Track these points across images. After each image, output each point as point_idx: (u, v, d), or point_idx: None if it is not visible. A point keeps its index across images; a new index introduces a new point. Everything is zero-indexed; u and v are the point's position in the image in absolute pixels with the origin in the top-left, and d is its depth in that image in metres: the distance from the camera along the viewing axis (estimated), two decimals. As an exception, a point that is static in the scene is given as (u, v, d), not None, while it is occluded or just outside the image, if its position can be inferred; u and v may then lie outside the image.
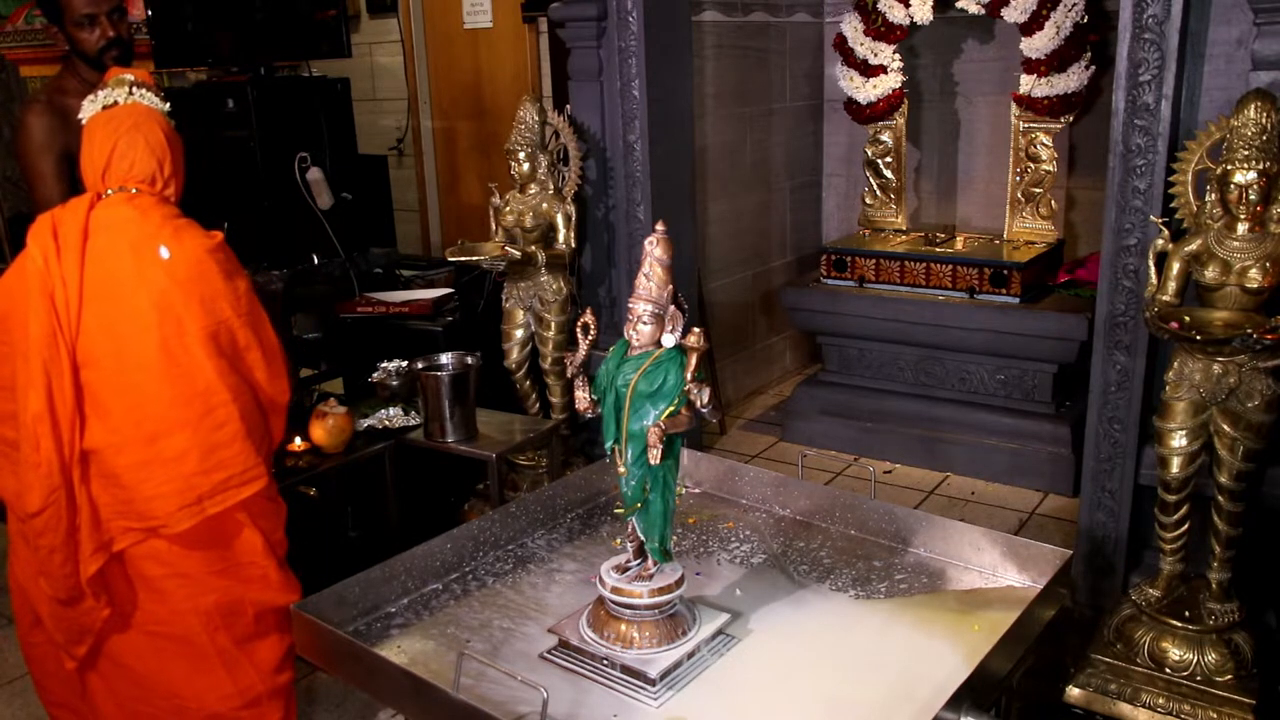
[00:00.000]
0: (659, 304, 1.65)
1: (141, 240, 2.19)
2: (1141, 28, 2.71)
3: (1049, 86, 4.11)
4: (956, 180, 5.00)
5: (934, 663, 1.70)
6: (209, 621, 2.25)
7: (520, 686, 1.54)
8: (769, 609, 1.88)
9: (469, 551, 2.08)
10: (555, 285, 3.75)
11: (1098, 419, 2.99)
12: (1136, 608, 2.65)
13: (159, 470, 2.13)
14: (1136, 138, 2.78)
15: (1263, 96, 2.35)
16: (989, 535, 2.00)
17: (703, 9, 4.58)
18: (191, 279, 2.19)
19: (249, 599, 2.29)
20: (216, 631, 2.26)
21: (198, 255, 2.22)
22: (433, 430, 3.32)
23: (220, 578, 2.26)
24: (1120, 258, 2.87)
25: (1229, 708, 2.47)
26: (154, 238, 2.20)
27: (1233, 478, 2.47)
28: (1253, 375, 2.38)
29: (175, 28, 4.12)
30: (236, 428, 2.19)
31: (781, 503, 2.28)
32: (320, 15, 4.35)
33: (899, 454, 4.37)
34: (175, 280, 2.17)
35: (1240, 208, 2.36)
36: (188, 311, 2.17)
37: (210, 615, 2.25)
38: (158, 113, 2.34)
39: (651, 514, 1.70)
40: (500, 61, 5.58)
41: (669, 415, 1.63)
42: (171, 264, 2.18)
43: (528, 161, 3.68)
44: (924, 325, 4.23)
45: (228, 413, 2.18)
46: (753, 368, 5.35)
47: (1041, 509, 3.95)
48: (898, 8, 4.40)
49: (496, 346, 3.84)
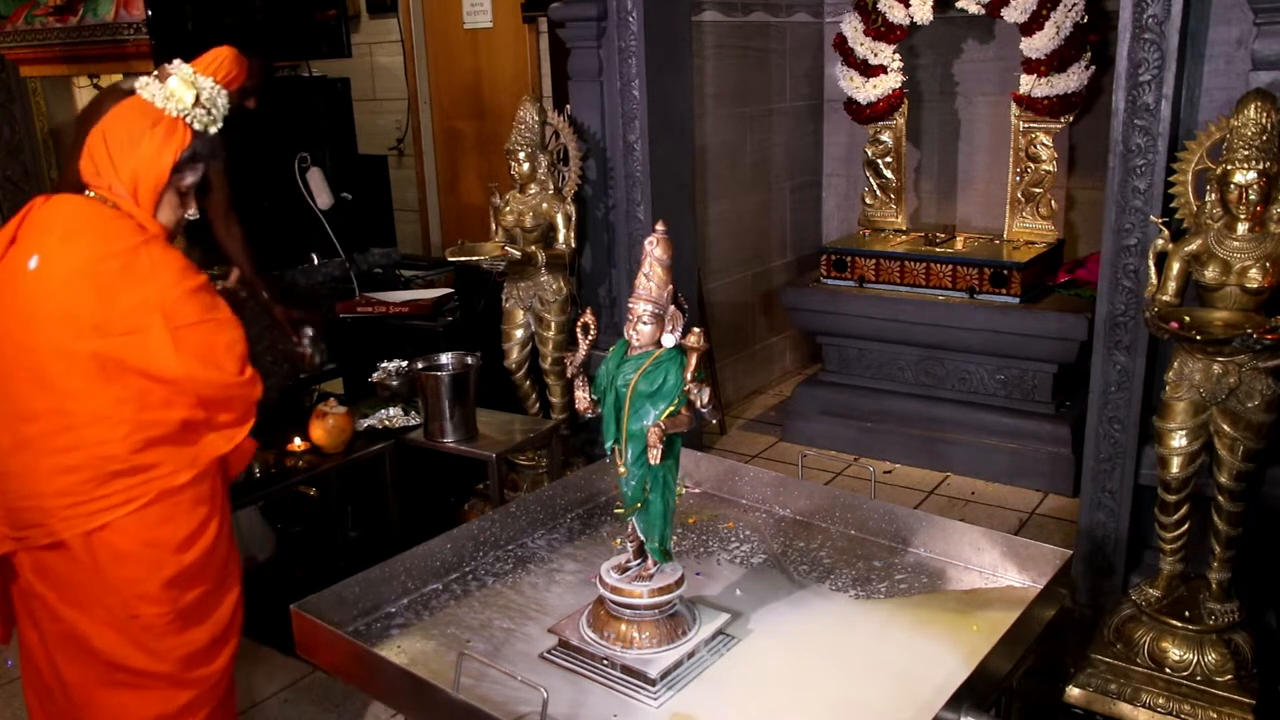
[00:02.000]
0: (659, 304, 1.65)
1: (31, 247, 2.04)
2: (1141, 28, 2.71)
3: (1049, 86, 4.11)
4: (956, 180, 5.01)
5: (934, 663, 1.70)
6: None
7: (520, 686, 1.54)
8: (769, 609, 1.88)
9: (469, 551, 2.08)
10: (555, 285, 3.75)
11: (1098, 419, 2.99)
12: (1136, 608, 2.65)
13: (13, 483, 2.02)
14: (1136, 138, 2.78)
15: (1263, 96, 2.35)
16: (989, 535, 2.00)
17: (703, 9, 4.58)
18: (52, 293, 1.99)
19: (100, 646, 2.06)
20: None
21: (71, 268, 2.00)
22: (433, 430, 3.32)
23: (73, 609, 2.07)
24: (1120, 258, 2.87)
25: (1229, 708, 2.47)
26: (36, 246, 2.03)
27: (1233, 478, 2.46)
28: (1253, 375, 2.38)
29: (175, 28, 4.11)
30: (82, 457, 1.98)
31: (781, 503, 2.27)
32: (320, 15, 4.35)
33: (899, 454, 4.37)
34: (39, 292, 2.00)
35: (1240, 208, 2.36)
36: (45, 326, 1.99)
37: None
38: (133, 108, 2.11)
39: (651, 514, 1.70)
40: (500, 61, 5.58)
41: (669, 415, 1.63)
42: (36, 274, 2.00)
43: (528, 161, 3.68)
44: (924, 325, 4.23)
45: (74, 438, 1.98)
46: (753, 368, 5.35)
47: (1041, 509, 3.95)
48: (898, 8, 4.40)
49: (496, 346, 3.84)
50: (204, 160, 2.14)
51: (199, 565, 2.09)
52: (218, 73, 2.14)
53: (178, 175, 2.10)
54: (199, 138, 2.10)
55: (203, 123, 2.11)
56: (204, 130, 2.11)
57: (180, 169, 2.09)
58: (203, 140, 2.11)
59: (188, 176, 2.12)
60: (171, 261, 2.06)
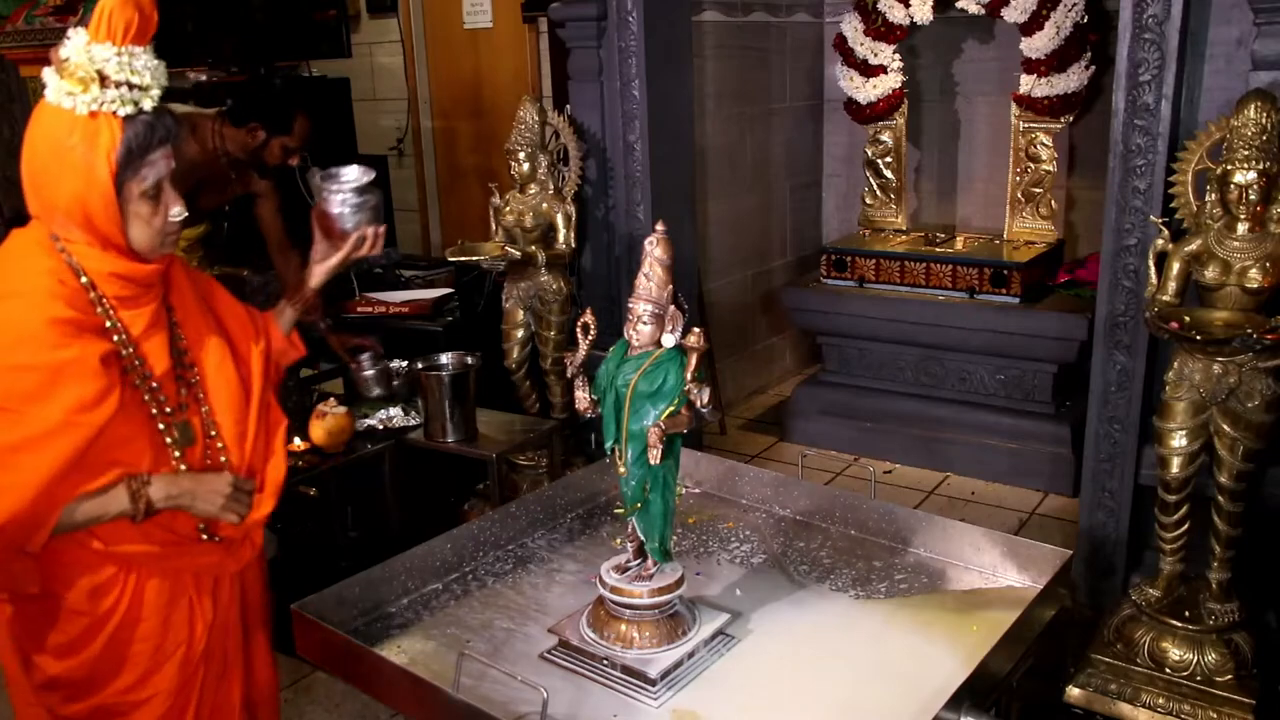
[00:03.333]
0: (659, 304, 1.65)
1: None
2: (1141, 28, 2.71)
3: (1049, 86, 4.11)
4: (956, 180, 5.00)
5: (934, 663, 1.70)
6: None
7: (520, 686, 1.54)
8: (769, 609, 1.88)
9: (469, 551, 2.08)
10: (555, 285, 3.75)
11: (1098, 419, 2.99)
12: (1136, 608, 2.65)
13: None
14: (1136, 138, 2.78)
15: (1263, 96, 2.35)
16: (989, 535, 2.00)
17: (703, 9, 4.58)
18: None
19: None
20: None
21: None
22: (433, 430, 3.32)
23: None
24: (1120, 258, 2.87)
25: (1229, 708, 2.47)
26: None
27: (1233, 478, 2.46)
28: (1253, 375, 2.38)
29: (175, 28, 4.12)
30: None
31: (781, 503, 2.27)
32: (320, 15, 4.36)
33: (899, 454, 4.37)
34: None
35: (1240, 208, 2.36)
36: None
37: None
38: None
39: (651, 514, 1.70)
40: (500, 61, 5.58)
41: (669, 415, 1.63)
42: None
43: (528, 161, 3.68)
44: (924, 325, 4.23)
45: None
46: (753, 368, 5.35)
47: (1041, 509, 3.95)
48: (898, 8, 4.40)
49: (496, 346, 3.84)
50: (154, 147, 1.58)
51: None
52: (113, 31, 1.53)
53: (127, 179, 1.56)
54: (130, 124, 1.55)
55: (127, 104, 1.54)
56: (135, 113, 1.55)
57: (124, 172, 1.56)
58: (138, 126, 1.56)
59: (144, 175, 1.58)
60: (2, 326, 1.53)
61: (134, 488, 1.61)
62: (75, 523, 1.57)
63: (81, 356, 1.54)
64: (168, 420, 1.68)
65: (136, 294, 1.65)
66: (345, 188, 2.00)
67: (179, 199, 1.65)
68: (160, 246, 1.65)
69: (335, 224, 1.98)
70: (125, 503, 1.60)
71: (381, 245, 2.09)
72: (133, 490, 1.60)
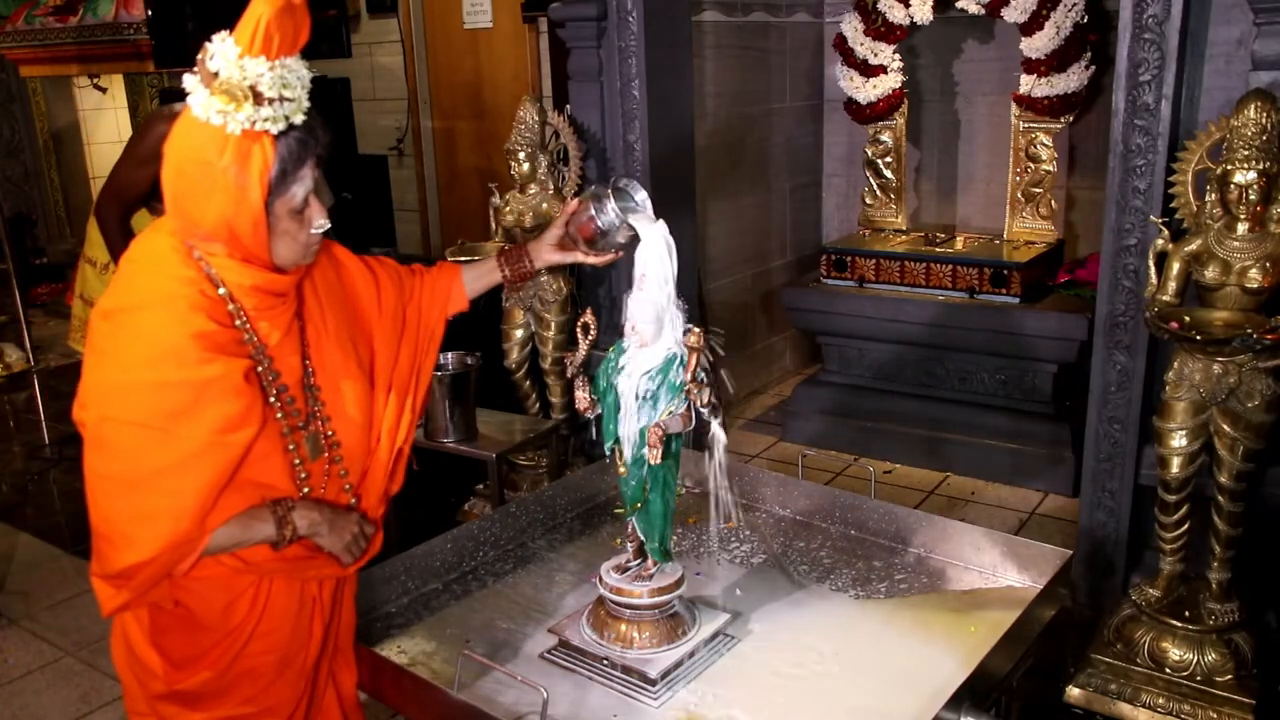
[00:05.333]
0: (659, 304, 1.65)
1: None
2: (1141, 28, 2.71)
3: (1049, 86, 4.11)
4: (956, 180, 5.00)
5: (934, 663, 1.70)
6: None
7: (520, 686, 1.54)
8: (769, 609, 1.88)
9: (469, 551, 2.08)
10: (555, 285, 3.75)
11: (1098, 419, 2.99)
12: (1136, 608, 2.65)
13: None
14: (1136, 138, 2.78)
15: (1263, 96, 2.35)
16: (989, 535, 2.00)
17: (703, 9, 4.58)
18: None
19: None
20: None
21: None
22: (433, 430, 3.32)
23: None
24: (1120, 258, 2.87)
25: (1229, 708, 2.47)
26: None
27: (1233, 478, 2.46)
28: (1253, 375, 2.38)
29: (175, 28, 4.12)
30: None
31: (781, 503, 2.28)
32: (320, 15, 4.36)
33: (899, 454, 4.37)
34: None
35: (1240, 208, 2.36)
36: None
37: None
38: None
39: (651, 514, 1.70)
40: (500, 61, 5.58)
41: (669, 415, 1.63)
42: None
43: (528, 161, 3.68)
44: (924, 325, 4.23)
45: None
46: (753, 368, 5.35)
47: (1041, 509, 3.95)
48: (898, 8, 4.40)
49: (496, 346, 3.84)
50: (304, 162, 1.52)
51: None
52: (269, 44, 1.44)
53: (277, 198, 1.50)
54: (283, 141, 1.48)
55: (279, 121, 1.47)
56: (286, 130, 1.48)
57: (275, 191, 1.49)
58: (291, 143, 1.49)
59: (294, 193, 1.52)
60: (143, 337, 1.47)
61: (279, 514, 1.56)
62: (220, 547, 1.53)
63: (226, 373, 1.48)
64: (298, 434, 1.61)
65: (273, 304, 1.58)
66: (631, 208, 1.89)
67: (323, 210, 1.59)
68: (303, 259, 1.60)
69: (597, 231, 1.89)
70: (271, 530, 1.55)
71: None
72: (279, 516, 1.56)
